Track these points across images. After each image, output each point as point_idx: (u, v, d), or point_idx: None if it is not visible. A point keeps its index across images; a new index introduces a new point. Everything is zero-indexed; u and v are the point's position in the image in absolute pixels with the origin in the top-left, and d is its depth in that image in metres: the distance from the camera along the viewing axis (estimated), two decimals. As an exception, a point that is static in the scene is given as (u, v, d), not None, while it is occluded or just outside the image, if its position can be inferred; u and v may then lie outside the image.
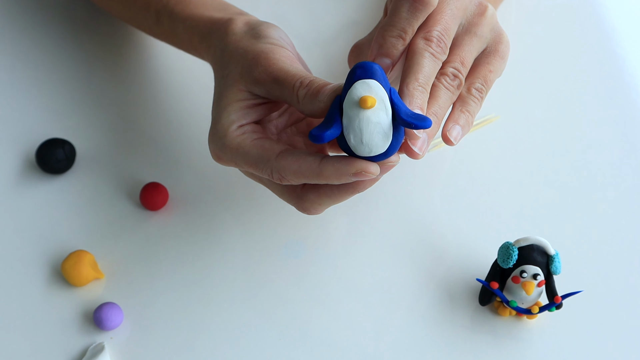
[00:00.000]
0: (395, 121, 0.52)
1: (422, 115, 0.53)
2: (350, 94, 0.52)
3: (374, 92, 0.51)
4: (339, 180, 0.55)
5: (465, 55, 0.61)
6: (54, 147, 0.71)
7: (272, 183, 0.61)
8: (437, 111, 0.58)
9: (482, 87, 0.62)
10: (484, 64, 0.63)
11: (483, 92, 0.62)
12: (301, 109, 0.58)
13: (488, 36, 0.62)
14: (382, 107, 0.52)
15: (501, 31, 0.63)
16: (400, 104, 0.52)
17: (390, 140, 0.53)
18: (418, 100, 0.56)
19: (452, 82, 0.60)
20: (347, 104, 0.52)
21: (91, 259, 0.66)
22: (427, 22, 0.59)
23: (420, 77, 0.57)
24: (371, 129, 0.52)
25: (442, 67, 0.59)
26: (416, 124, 0.51)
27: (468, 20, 0.61)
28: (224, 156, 0.60)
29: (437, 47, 0.58)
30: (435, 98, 0.58)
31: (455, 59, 0.60)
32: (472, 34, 0.61)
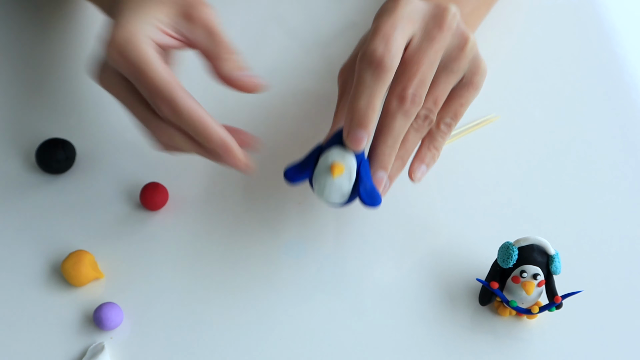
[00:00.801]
0: (354, 189, 0.61)
1: (376, 195, 0.61)
2: (326, 156, 0.61)
3: (345, 162, 0.60)
4: (215, 142, 0.59)
5: (439, 94, 0.62)
6: (54, 147, 0.71)
7: (139, 103, 0.60)
8: (404, 155, 0.64)
9: (451, 122, 0.65)
10: (457, 97, 0.64)
11: (451, 126, 0.65)
12: (225, 73, 0.59)
13: (465, 68, 0.63)
14: (347, 176, 0.60)
15: (479, 62, 0.64)
16: (365, 177, 0.61)
17: (346, 199, 0.62)
18: (384, 162, 0.62)
19: (423, 123, 0.63)
20: (321, 161, 0.61)
21: (91, 259, 0.66)
22: (403, 76, 0.60)
23: (389, 140, 0.61)
24: (332, 189, 0.61)
25: None
26: (367, 202, 0.61)
27: (447, 55, 0.62)
28: (122, 58, 0.58)
29: (411, 105, 0.60)
30: (404, 142, 0.63)
31: (429, 100, 0.62)
32: (449, 70, 0.62)
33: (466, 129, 0.76)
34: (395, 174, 0.64)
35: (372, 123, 0.60)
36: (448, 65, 0.62)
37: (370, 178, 0.62)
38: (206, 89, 0.76)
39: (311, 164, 0.62)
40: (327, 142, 0.62)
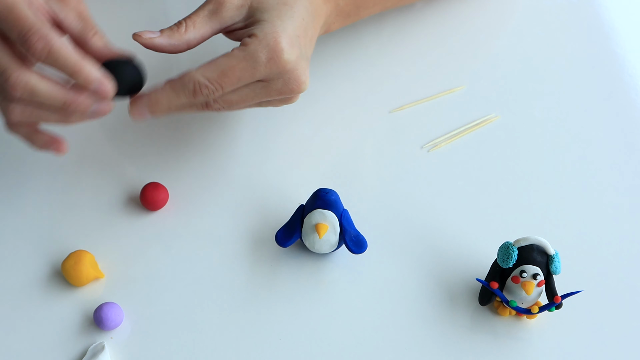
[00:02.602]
0: (341, 238, 0.66)
1: (361, 242, 0.66)
2: (309, 218, 0.65)
3: (328, 221, 0.65)
4: (87, 76, 0.58)
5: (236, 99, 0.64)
6: None
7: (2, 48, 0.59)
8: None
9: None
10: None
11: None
12: (91, 45, 0.61)
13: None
14: (332, 231, 0.65)
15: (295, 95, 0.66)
16: (348, 227, 0.66)
17: (335, 248, 0.66)
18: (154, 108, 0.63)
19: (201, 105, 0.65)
20: (306, 222, 0.66)
21: (91, 259, 0.66)
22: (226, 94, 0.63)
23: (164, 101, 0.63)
24: (322, 244, 0.66)
25: None
26: (354, 251, 0.66)
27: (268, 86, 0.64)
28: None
29: (203, 97, 0.62)
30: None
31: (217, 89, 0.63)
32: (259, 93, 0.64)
33: (466, 129, 0.76)
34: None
35: (159, 115, 0.63)
36: (261, 104, 0.66)
37: (353, 227, 0.66)
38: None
39: (297, 225, 0.66)
40: (307, 202, 0.66)
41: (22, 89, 0.58)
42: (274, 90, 0.64)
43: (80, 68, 0.58)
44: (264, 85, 0.63)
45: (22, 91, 0.58)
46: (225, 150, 0.74)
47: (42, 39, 0.57)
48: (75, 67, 0.58)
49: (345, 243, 0.66)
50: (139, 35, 0.62)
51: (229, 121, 0.76)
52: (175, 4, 0.86)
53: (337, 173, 0.73)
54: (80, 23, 0.61)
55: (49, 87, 0.58)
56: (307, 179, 0.72)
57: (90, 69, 0.58)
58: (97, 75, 0.59)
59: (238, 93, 0.63)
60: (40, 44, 0.57)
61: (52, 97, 0.59)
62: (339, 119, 0.76)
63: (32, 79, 0.58)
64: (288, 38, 0.62)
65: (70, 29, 0.61)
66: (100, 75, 0.59)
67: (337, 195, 0.66)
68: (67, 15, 0.60)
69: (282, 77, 0.63)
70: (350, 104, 0.77)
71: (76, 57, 0.58)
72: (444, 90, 0.79)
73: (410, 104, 0.78)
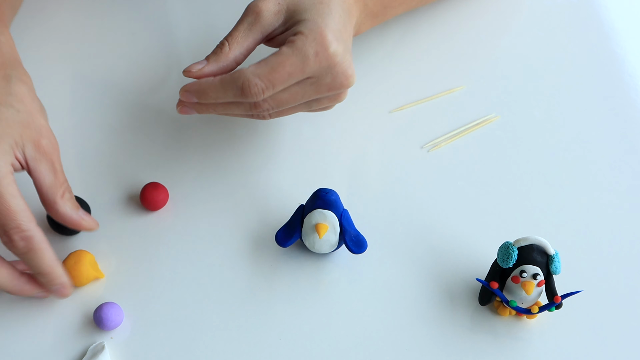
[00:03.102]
0: (341, 238, 0.66)
1: (361, 242, 0.66)
2: (309, 218, 0.65)
3: (328, 221, 0.65)
4: (55, 280, 0.62)
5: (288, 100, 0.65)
6: None
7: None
8: (218, 110, 0.66)
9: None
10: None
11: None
12: (61, 212, 0.63)
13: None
14: (332, 231, 0.65)
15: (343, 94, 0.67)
16: (348, 227, 0.66)
17: (335, 247, 0.66)
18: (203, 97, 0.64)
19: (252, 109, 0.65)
20: (306, 222, 0.66)
21: (91, 259, 0.66)
22: (277, 94, 0.63)
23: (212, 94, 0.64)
24: (322, 245, 0.66)
25: None
26: (354, 251, 0.66)
27: (319, 100, 0.66)
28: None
29: (252, 96, 0.62)
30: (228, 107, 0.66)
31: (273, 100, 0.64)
32: (311, 101, 0.66)
33: (466, 129, 0.76)
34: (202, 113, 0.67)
35: (205, 101, 0.64)
36: (310, 105, 0.66)
37: (353, 227, 0.66)
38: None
39: (297, 225, 0.66)
40: (307, 202, 0.66)
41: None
42: (323, 86, 0.64)
43: (50, 272, 0.61)
44: (313, 81, 0.63)
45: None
46: (225, 150, 0.74)
47: (25, 240, 0.59)
48: (46, 270, 0.61)
49: (345, 243, 0.66)
50: (188, 71, 0.64)
51: (229, 121, 0.76)
52: (176, 4, 0.86)
53: (337, 173, 0.73)
54: (52, 177, 0.62)
55: (14, 281, 0.62)
56: (307, 179, 0.72)
57: (58, 275, 0.62)
58: (62, 281, 0.62)
59: (288, 91, 0.63)
60: (22, 244, 0.59)
61: (15, 287, 0.62)
62: (339, 119, 0.76)
63: (2, 270, 0.61)
64: (332, 32, 0.63)
65: (40, 183, 0.62)
66: (64, 282, 0.62)
67: (337, 195, 0.66)
68: (40, 166, 0.62)
69: (330, 71, 0.63)
70: (350, 104, 0.77)
71: (50, 261, 0.61)
72: (444, 90, 0.79)
73: (410, 104, 0.78)
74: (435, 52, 0.82)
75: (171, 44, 0.83)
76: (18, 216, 0.59)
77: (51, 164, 0.62)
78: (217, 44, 0.65)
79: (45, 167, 0.62)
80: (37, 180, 0.62)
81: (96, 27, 0.83)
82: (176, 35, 0.84)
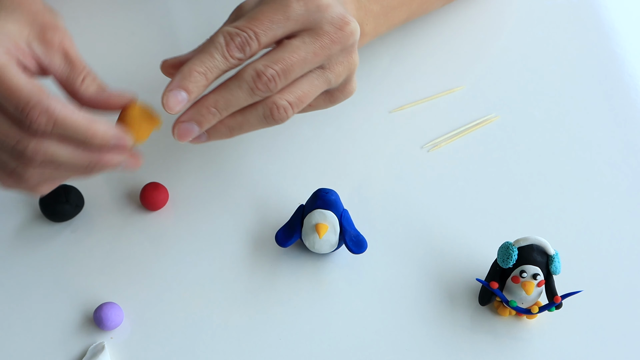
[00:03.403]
0: (341, 238, 0.66)
1: (361, 243, 0.66)
2: (309, 218, 0.65)
3: (328, 221, 0.65)
4: (103, 137, 0.54)
5: (303, 93, 0.60)
6: None
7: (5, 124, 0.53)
8: (233, 127, 0.60)
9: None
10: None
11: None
12: (87, 95, 0.56)
13: (338, 83, 0.62)
14: (332, 231, 0.65)
15: (352, 83, 0.63)
16: (348, 228, 0.66)
17: (335, 248, 0.66)
18: (201, 119, 0.58)
19: (268, 113, 0.59)
20: (306, 222, 0.66)
21: (139, 108, 0.58)
22: (276, 53, 0.57)
23: (221, 101, 0.57)
24: (322, 245, 0.66)
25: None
26: (354, 251, 0.66)
27: (328, 64, 0.60)
28: None
29: (263, 87, 0.57)
30: (238, 114, 0.59)
31: (290, 93, 0.59)
32: (323, 78, 0.60)
33: (466, 129, 0.76)
34: (215, 136, 0.60)
35: (198, 94, 0.57)
36: (325, 73, 0.60)
37: (353, 227, 0.66)
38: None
39: (298, 225, 0.66)
40: (307, 202, 0.66)
41: (41, 157, 0.54)
42: (324, 35, 0.58)
43: (93, 132, 0.54)
44: (310, 33, 0.58)
45: (42, 159, 0.54)
46: (225, 150, 0.74)
47: (44, 113, 0.52)
48: (88, 133, 0.54)
49: (345, 243, 0.66)
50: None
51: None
52: (176, 3, 0.86)
53: (337, 173, 0.73)
54: (67, 67, 0.56)
55: (69, 152, 0.54)
56: (307, 179, 0.72)
57: (102, 129, 0.54)
58: (111, 133, 0.55)
59: (287, 50, 0.57)
60: (43, 119, 0.52)
61: (74, 161, 0.55)
62: (339, 119, 0.76)
63: (51, 147, 0.54)
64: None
65: (57, 75, 0.56)
66: (115, 132, 0.55)
67: (337, 195, 0.66)
68: (52, 59, 0.56)
69: (323, 15, 0.58)
70: (350, 104, 0.77)
71: (84, 121, 0.53)
72: (444, 90, 0.79)
73: (410, 104, 0.78)
74: (435, 52, 0.82)
75: (171, 44, 0.83)
76: (26, 92, 0.52)
77: (63, 55, 0.56)
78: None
79: (58, 59, 0.56)
80: (55, 76, 0.56)
81: (96, 26, 0.83)
82: (176, 35, 0.84)
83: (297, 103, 0.60)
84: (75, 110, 0.53)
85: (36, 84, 0.53)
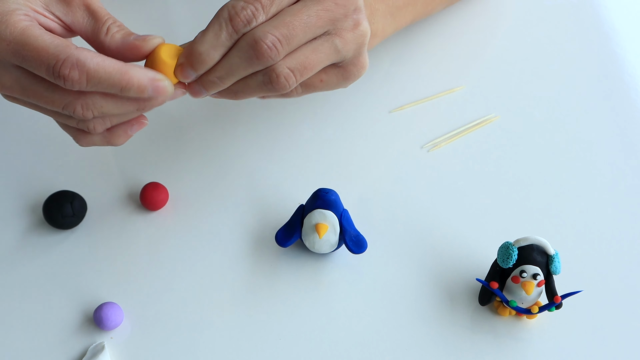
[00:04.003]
0: (341, 238, 0.66)
1: (361, 242, 0.66)
2: (309, 218, 0.65)
3: (328, 221, 0.65)
4: (139, 85, 0.53)
5: (308, 61, 0.56)
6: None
7: (45, 89, 0.53)
8: (237, 91, 0.58)
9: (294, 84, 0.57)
10: (322, 73, 0.59)
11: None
12: (114, 43, 0.54)
13: (349, 53, 0.58)
14: (332, 230, 0.65)
15: (363, 56, 0.60)
16: (348, 227, 0.66)
17: (335, 248, 0.66)
18: (207, 85, 0.56)
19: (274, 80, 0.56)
20: (306, 222, 0.66)
21: (165, 48, 0.56)
22: (276, 17, 0.55)
23: (221, 71, 0.55)
24: (322, 244, 0.66)
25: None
26: (354, 251, 0.66)
27: (335, 29, 0.57)
28: (1, 41, 0.51)
29: (264, 57, 0.54)
30: (241, 83, 0.57)
31: (292, 60, 0.56)
32: (329, 43, 0.57)
33: (466, 129, 0.76)
34: (223, 97, 0.59)
35: (204, 69, 0.56)
36: (331, 38, 0.57)
37: (353, 227, 0.66)
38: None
39: (298, 225, 0.66)
40: (307, 202, 0.66)
41: (93, 113, 0.54)
42: (329, 1, 0.56)
43: (128, 80, 0.52)
44: (315, 2, 0.56)
45: (95, 114, 0.54)
46: (225, 150, 0.74)
47: (75, 67, 0.51)
48: (122, 82, 0.52)
49: (345, 243, 0.66)
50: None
51: (229, 121, 0.76)
52: (177, 4, 0.86)
53: (337, 173, 0.73)
54: (91, 20, 0.55)
55: (116, 104, 0.54)
56: (307, 179, 0.72)
57: (137, 77, 0.53)
58: (147, 78, 0.53)
59: (290, 13, 0.55)
60: (75, 73, 0.51)
61: (125, 110, 0.55)
62: (339, 119, 0.76)
63: (97, 102, 0.53)
64: None
65: (82, 31, 0.55)
66: (150, 77, 0.53)
67: (337, 195, 0.66)
68: (74, 16, 0.55)
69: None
70: (350, 104, 0.77)
71: (117, 69, 0.52)
72: (444, 90, 0.79)
73: (410, 104, 0.78)
74: (435, 52, 0.82)
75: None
76: (52, 50, 0.51)
77: (84, 8, 0.55)
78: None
79: (79, 15, 0.55)
80: (80, 33, 0.55)
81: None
82: (176, 35, 0.84)
83: (300, 70, 0.57)
84: (106, 58, 0.52)
85: (62, 40, 0.52)
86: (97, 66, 0.51)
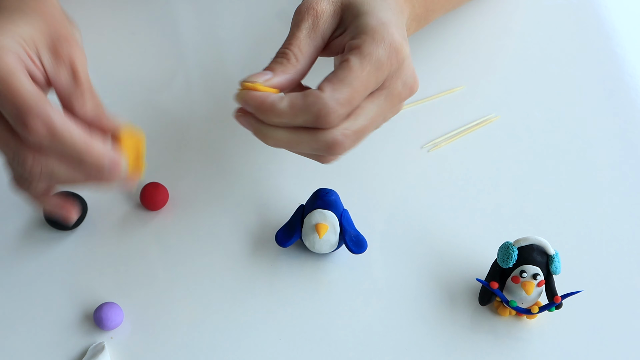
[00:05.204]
0: (341, 238, 0.66)
1: (361, 242, 0.66)
2: (309, 218, 0.66)
3: (328, 221, 0.65)
4: (97, 158, 0.53)
5: (367, 125, 0.57)
6: None
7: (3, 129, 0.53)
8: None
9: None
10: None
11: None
12: (84, 111, 0.54)
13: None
14: (332, 231, 0.66)
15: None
16: (348, 227, 0.66)
17: (335, 248, 0.66)
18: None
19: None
20: (306, 222, 0.66)
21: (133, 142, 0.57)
22: (355, 119, 0.55)
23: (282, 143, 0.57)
24: (322, 245, 0.66)
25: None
26: (354, 251, 0.66)
27: (388, 90, 0.57)
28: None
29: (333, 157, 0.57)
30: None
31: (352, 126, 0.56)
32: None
33: (466, 129, 0.76)
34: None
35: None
36: (391, 111, 0.59)
37: (353, 227, 0.67)
38: (207, 90, 0.76)
39: (298, 225, 0.66)
40: (307, 202, 0.67)
41: (42, 170, 0.54)
42: (395, 97, 0.57)
43: (89, 149, 0.53)
44: (386, 93, 0.56)
45: (43, 172, 0.54)
46: (225, 150, 0.74)
47: (44, 124, 0.51)
48: (83, 151, 0.53)
49: (345, 243, 0.66)
50: (251, 82, 0.55)
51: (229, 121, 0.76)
52: (178, 3, 0.86)
53: (337, 173, 0.73)
54: (71, 82, 0.55)
55: (69, 170, 0.54)
56: (307, 179, 0.72)
57: (99, 151, 0.53)
58: (108, 157, 0.53)
59: (365, 114, 0.56)
60: (43, 129, 0.51)
61: (72, 178, 0.55)
62: (339, 119, 0.76)
63: (50, 162, 0.54)
64: (395, 27, 0.55)
65: (60, 89, 0.55)
66: (112, 157, 0.53)
67: (337, 195, 0.66)
68: (59, 72, 0.55)
69: (400, 75, 0.56)
70: (350, 104, 0.77)
71: (82, 138, 0.52)
72: (444, 90, 0.79)
73: (410, 104, 0.78)
74: (435, 52, 0.82)
75: (172, 44, 0.83)
76: (29, 100, 0.51)
77: (70, 68, 0.55)
78: (278, 53, 0.57)
79: (63, 72, 0.54)
80: (57, 89, 0.55)
81: (95, 26, 0.83)
82: (177, 35, 0.84)
83: (356, 140, 0.58)
84: (75, 126, 0.53)
85: (41, 94, 0.52)
86: (64, 128, 0.52)
